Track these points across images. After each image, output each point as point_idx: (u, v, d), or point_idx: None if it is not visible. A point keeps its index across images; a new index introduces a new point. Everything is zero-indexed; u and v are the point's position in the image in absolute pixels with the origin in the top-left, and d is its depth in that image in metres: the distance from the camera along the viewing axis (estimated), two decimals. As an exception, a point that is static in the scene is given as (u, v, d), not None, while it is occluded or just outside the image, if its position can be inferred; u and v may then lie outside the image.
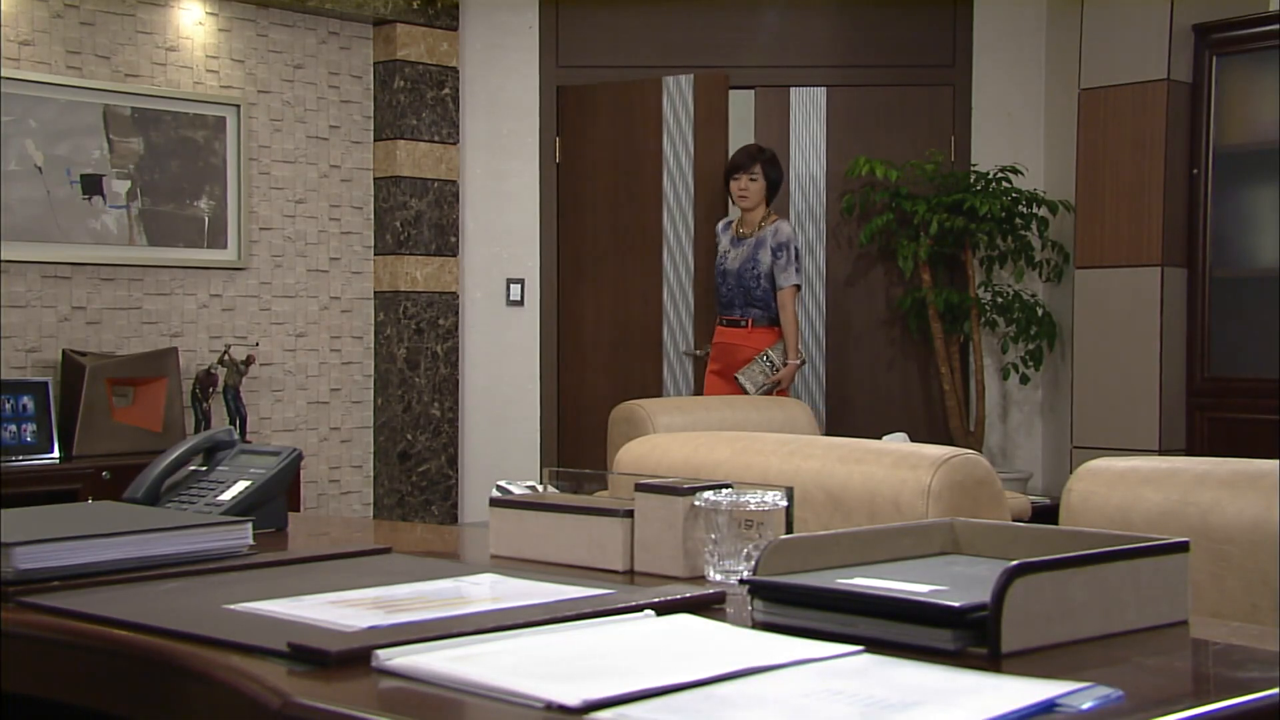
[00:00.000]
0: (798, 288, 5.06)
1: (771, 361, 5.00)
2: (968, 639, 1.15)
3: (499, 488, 4.07)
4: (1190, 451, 4.95)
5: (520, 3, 5.63)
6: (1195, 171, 5.03)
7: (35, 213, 4.60)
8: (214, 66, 5.03)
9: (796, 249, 5.05)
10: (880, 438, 4.28)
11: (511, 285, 5.64)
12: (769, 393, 4.96)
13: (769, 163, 5.14)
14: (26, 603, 1.36)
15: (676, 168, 5.61)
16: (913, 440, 4.63)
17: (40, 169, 4.61)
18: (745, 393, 4.94)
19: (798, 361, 5.05)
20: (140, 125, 4.83)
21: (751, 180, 5.09)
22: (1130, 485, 1.85)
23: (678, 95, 5.58)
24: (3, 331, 4.56)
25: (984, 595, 1.16)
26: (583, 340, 5.71)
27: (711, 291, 5.54)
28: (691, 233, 5.60)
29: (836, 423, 5.57)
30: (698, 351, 5.48)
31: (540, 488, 2.45)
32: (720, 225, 5.25)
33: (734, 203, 5.16)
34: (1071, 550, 1.25)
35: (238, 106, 5.05)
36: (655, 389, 5.56)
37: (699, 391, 5.57)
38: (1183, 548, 1.30)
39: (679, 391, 5.58)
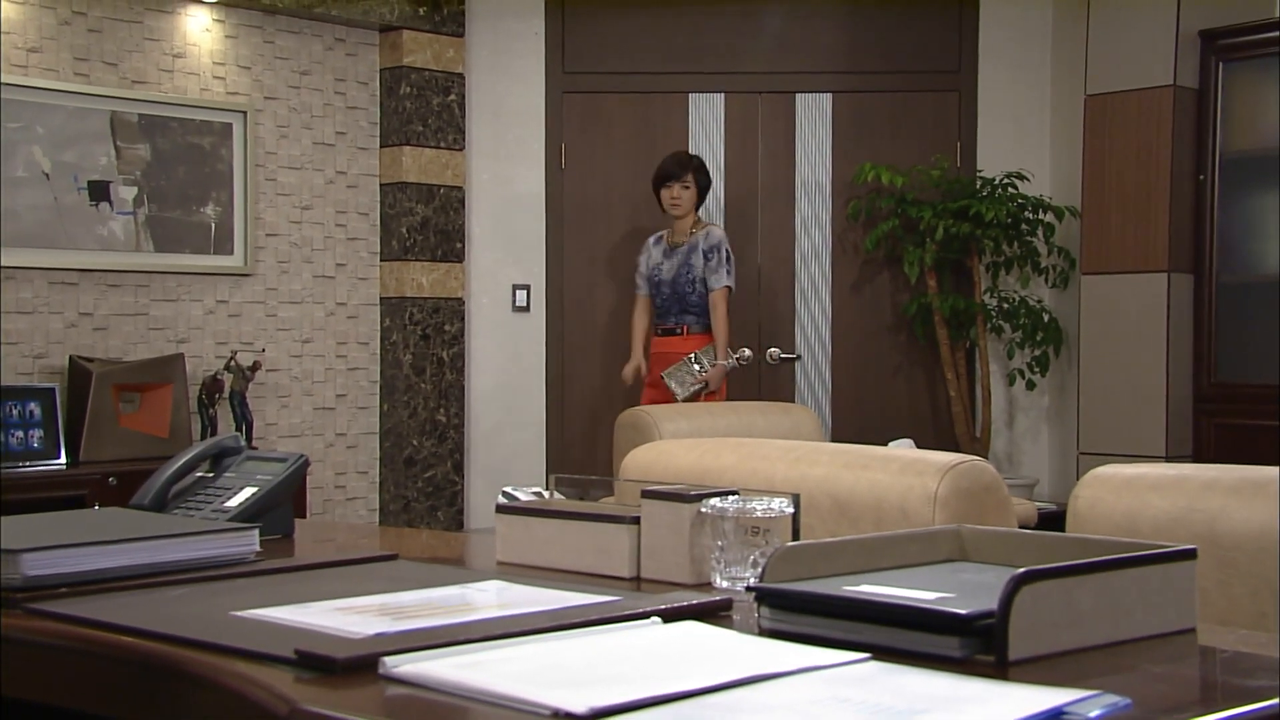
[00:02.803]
0: (729, 289, 5.02)
1: (700, 363, 4.98)
2: (975, 646, 1.15)
3: (505, 494, 4.07)
4: (1197, 458, 4.94)
5: (526, 9, 5.64)
6: (1201, 177, 5.03)
7: (42, 219, 4.61)
8: (220, 73, 5.04)
9: (728, 251, 5.05)
10: (886, 444, 4.28)
11: (517, 291, 5.65)
12: (696, 395, 4.92)
13: (699, 170, 5.14)
14: (34, 609, 1.36)
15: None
16: (919, 446, 4.63)
17: (47, 175, 4.62)
18: (674, 396, 4.91)
19: (725, 362, 4.98)
20: (147, 132, 4.84)
21: (684, 188, 5.08)
22: (1137, 492, 1.85)
23: (706, 107, 5.61)
24: (10, 338, 4.57)
25: (991, 602, 1.15)
26: (591, 346, 5.71)
27: (746, 297, 5.61)
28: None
29: (842, 428, 5.57)
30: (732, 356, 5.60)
31: (546, 494, 2.45)
32: (652, 240, 5.22)
33: (665, 211, 5.14)
34: (1078, 557, 1.25)
35: (244, 113, 5.06)
36: None
37: (729, 396, 5.56)
38: (1190, 555, 1.30)
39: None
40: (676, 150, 5.32)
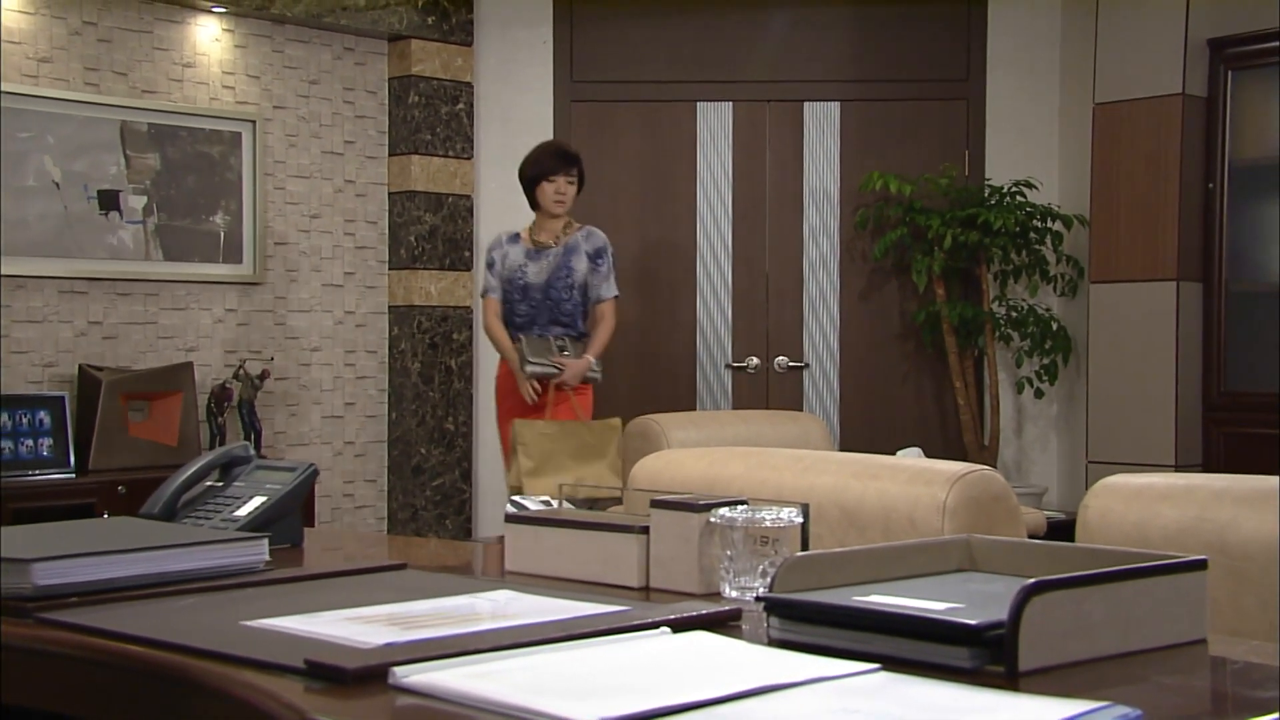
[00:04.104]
0: (616, 299, 4.60)
1: (566, 349, 4.43)
2: (985, 657, 1.15)
3: (513, 502, 4.06)
4: (1206, 467, 4.93)
5: (534, 18, 5.65)
6: (1210, 186, 5.02)
7: (53, 228, 4.63)
8: (230, 82, 5.06)
9: (613, 256, 4.61)
10: (894, 453, 4.27)
11: (525, 300, 5.65)
12: (545, 380, 4.39)
13: (581, 162, 4.64)
14: (44, 618, 1.37)
15: (713, 184, 5.63)
16: (927, 454, 4.63)
17: (58, 185, 4.64)
18: (519, 366, 4.39)
19: (591, 358, 4.45)
20: (157, 141, 4.86)
21: (570, 183, 4.58)
22: (1147, 502, 1.84)
23: (714, 116, 5.62)
24: (20, 346, 4.58)
25: (1001, 613, 1.15)
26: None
27: (754, 306, 5.59)
28: (729, 247, 5.62)
29: (850, 437, 5.56)
30: (738, 364, 5.59)
31: (555, 503, 2.44)
32: (505, 237, 4.69)
33: (544, 209, 4.61)
34: (1089, 568, 1.24)
35: (253, 122, 5.08)
36: (689, 402, 5.57)
37: (737, 404, 5.58)
38: (1200, 565, 1.30)
39: (716, 404, 5.60)
40: (553, 140, 4.88)
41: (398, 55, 5.44)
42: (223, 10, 4.98)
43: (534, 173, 4.62)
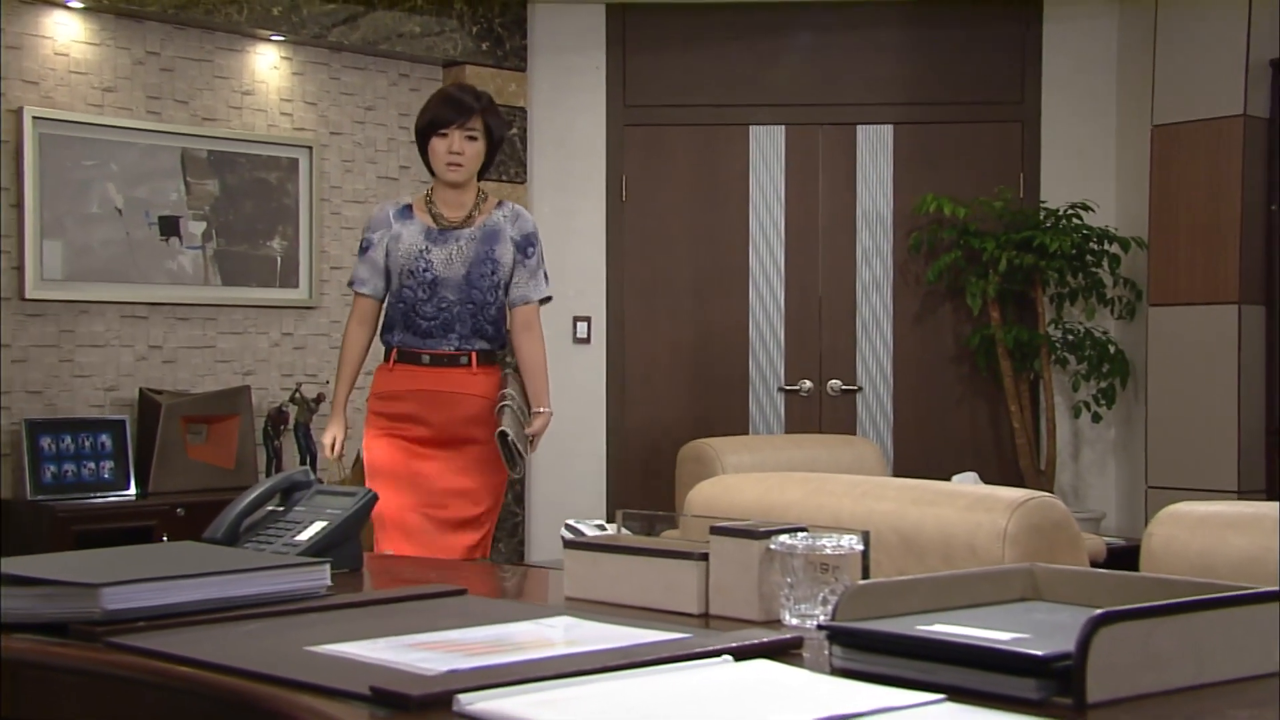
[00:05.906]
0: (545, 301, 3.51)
1: (521, 406, 3.37)
2: (1052, 689, 1.13)
3: (569, 527, 4.05)
4: (1270, 493, 4.85)
5: (587, 44, 5.69)
6: (1273, 208, 4.95)
7: (115, 254, 4.70)
8: (288, 109, 5.13)
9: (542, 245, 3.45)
10: (950, 477, 4.23)
11: (578, 323, 5.67)
12: (519, 457, 3.31)
13: (491, 113, 3.35)
14: (113, 643, 1.38)
15: (765, 207, 5.63)
16: (982, 479, 4.58)
17: (120, 211, 4.72)
18: (513, 461, 3.31)
19: (549, 411, 3.43)
20: (216, 167, 4.93)
21: (470, 139, 3.29)
22: (1213, 530, 1.82)
23: (767, 139, 5.62)
24: (84, 370, 4.66)
25: (1067, 644, 1.14)
26: (651, 378, 5.72)
27: (807, 329, 5.57)
28: (781, 270, 5.62)
29: (904, 461, 5.52)
30: (791, 388, 5.58)
31: (609, 527, 2.44)
32: (392, 210, 3.39)
33: (437, 174, 3.36)
34: (1156, 598, 1.22)
35: (310, 148, 5.14)
36: (741, 425, 5.56)
37: (789, 428, 5.56)
38: (1275, 597, 1.27)
39: (768, 427, 5.58)
40: (454, 83, 3.96)
41: (452, 81, 5.48)
42: (281, 39, 5.05)
43: (423, 124, 3.35)
